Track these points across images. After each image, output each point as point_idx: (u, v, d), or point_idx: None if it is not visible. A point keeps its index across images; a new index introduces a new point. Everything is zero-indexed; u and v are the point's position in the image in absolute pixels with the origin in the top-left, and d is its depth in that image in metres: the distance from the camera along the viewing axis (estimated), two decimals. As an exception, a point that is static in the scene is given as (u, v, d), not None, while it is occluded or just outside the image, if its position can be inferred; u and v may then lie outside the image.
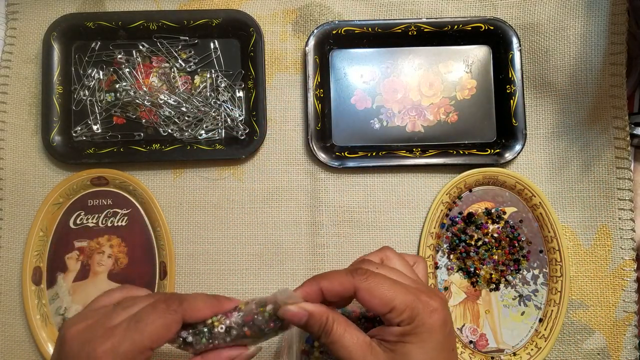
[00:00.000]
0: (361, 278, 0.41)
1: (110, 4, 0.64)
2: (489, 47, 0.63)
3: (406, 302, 0.40)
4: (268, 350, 0.59)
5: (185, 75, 0.63)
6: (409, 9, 0.63)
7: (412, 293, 0.41)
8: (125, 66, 0.63)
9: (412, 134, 0.63)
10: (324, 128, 0.62)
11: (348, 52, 0.64)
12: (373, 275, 0.42)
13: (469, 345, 0.59)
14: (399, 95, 0.63)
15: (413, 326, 0.40)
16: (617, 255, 0.60)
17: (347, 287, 0.41)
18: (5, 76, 0.63)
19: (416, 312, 0.40)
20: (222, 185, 0.62)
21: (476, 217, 0.61)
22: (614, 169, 0.60)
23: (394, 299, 0.40)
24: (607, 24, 0.60)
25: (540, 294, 0.60)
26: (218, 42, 0.63)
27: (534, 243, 0.61)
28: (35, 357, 0.60)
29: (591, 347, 0.59)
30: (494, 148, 0.62)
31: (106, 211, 0.61)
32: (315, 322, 0.41)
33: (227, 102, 0.63)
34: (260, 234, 0.61)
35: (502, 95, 0.62)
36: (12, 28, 0.63)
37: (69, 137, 0.62)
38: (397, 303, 0.40)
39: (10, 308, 0.60)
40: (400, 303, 0.40)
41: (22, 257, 0.60)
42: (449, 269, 0.61)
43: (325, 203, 0.62)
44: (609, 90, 0.60)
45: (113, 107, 0.63)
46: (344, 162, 0.61)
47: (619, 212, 0.60)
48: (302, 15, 0.63)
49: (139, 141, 0.62)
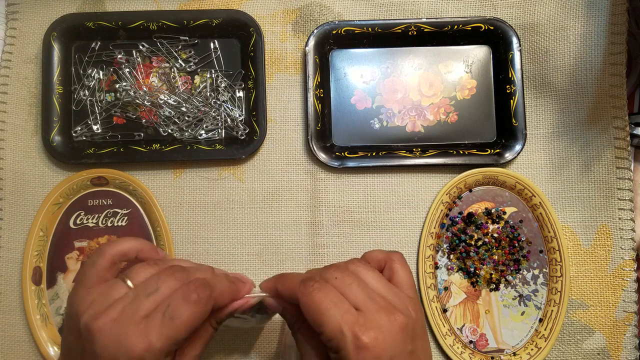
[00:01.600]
0: (305, 291, 0.39)
1: (110, 4, 0.64)
2: (489, 47, 0.63)
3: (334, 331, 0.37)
4: (268, 350, 0.59)
5: (185, 75, 0.63)
6: (409, 9, 0.63)
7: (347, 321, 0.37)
8: (125, 66, 0.63)
9: (412, 134, 0.63)
10: (324, 128, 0.62)
11: (348, 52, 0.64)
12: (318, 289, 0.39)
13: (469, 345, 0.59)
14: (399, 95, 0.63)
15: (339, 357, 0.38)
16: (617, 255, 0.60)
17: (293, 296, 0.41)
18: (5, 76, 0.63)
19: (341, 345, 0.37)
20: (222, 185, 0.62)
21: (476, 217, 0.61)
22: (614, 169, 0.60)
23: (324, 324, 0.38)
24: (607, 24, 0.60)
25: (540, 294, 0.60)
26: (218, 42, 0.63)
27: (534, 243, 0.61)
28: (35, 357, 0.60)
29: (591, 347, 0.59)
30: (494, 148, 0.62)
31: (106, 211, 0.61)
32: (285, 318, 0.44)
33: (227, 102, 0.63)
34: (260, 234, 0.61)
35: (502, 95, 0.62)
36: (12, 28, 0.63)
37: (69, 137, 0.62)
38: (325, 329, 0.38)
39: (10, 308, 0.60)
40: (328, 329, 0.38)
41: (22, 257, 0.60)
42: (449, 269, 0.61)
43: (325, 203, 0.62)
44: (609, 90, 0.60)
45: (113, 107, 0.63)
46: (344, 162, 0.61)
47: (619, 212, 0.60)
48: (302, 15, 0.63)
49: (139, 141, 0.62)
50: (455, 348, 0.59)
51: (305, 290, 0.39)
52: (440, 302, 0.60)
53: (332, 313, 0.38)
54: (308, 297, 0.39)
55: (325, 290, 0.39)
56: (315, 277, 0.41)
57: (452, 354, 0.58)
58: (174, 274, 0.41)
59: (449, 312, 0.60)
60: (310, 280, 0.40)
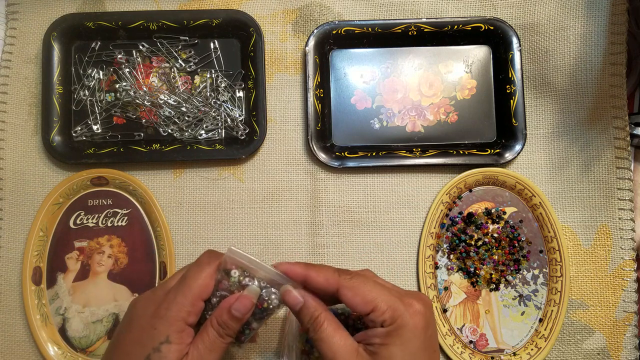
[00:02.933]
0: (346, 277, 0.43)
1: (110, 4, 0.64)
2: (489, 47, 0.63)
3: (388, 302, 0.41)
4: (268, 350, 0.59)
5: (185, 75, 0.63)
6: (409, 9, 0.63)
7: (395, 295, 0.43)
8: (125, 66, 0.63)
9: (412, 134, 0.63)
10: (324, 128, 0.62)
11: (348, 52, 0.64)
12: (357, 275, 0.44)
13: (469, 345, 0.59)
14: (399, 95, 0.63)
15: (395, 326, 0.41)
16: (617, 255, 0.60)
17: (332, 283, 0.43)
18: (5, 76, 0.63)
19: (398, 312, 0.41)
20: (222, 185, 0.62)
21: (476, 217, 0.61)
22: (614, 169, 0.60)
23: (375, 299, 0.42)
24: (607, 24, 0.60)
25: (540, 294, 0.60)
26: (218, 42, 0.63)
27: (534, 243, 0.61)
28: (35, 357, 0.60)
29: (591, 347, 0.59)
30: (494, 148, 0.62)
31: (106, 211, 0.61)
32: (307, 313, 0.44)
33: (227, 102, 0.63)
34: (260, 234, 0.61)
35: (502, 95, 0.62)
36: (12, 28, 0.63)
37: (69, 137, 0.62)
38: (379, 303, 0.41)
39: (10, 308, 0.60)
40: (382, 303, 0.41)
41: (22, 257, 0.60)
42: (449, 269, 0.61)
43: (325, 203, 0.62)
44: (609, 90, 0.60)
45: (113, 107, 0.63)
46: (344, 162, 0.61)
47: (619, 212, 0.60)
48: (302, 15, 0.63)
49: (139, 141, 0.62)
50: (455, 348, 0.59)
51: (345, 277, 0.43)
52: (440, 302, 0.60)
53: (379, 289, 0.42)
54: (351, 281, 0.43)
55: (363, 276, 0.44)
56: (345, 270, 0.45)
57: (452, 354, 0.58)
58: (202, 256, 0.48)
59: (449, 312, 0.60)
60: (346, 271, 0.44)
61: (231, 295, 0.45)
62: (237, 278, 0.45)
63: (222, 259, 0.46)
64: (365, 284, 0.43)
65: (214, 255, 0.47)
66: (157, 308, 0.44)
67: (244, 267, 0.46)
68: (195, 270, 0.45)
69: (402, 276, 0.61)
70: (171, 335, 0.42)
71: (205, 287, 0.45)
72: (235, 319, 0.44)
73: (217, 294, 0.46)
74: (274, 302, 0.46)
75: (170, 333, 0.42)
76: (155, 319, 0.43)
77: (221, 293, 0.46)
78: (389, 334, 0.41)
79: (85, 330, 0.60)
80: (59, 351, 0.59)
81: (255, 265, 0.45)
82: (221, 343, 0.44)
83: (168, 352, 0.42)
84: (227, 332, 0.44)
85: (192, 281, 0.44)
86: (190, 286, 0.44)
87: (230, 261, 0.45)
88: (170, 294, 0.44)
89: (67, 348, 0.59)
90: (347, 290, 0.43)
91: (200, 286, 0.44)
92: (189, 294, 0.44)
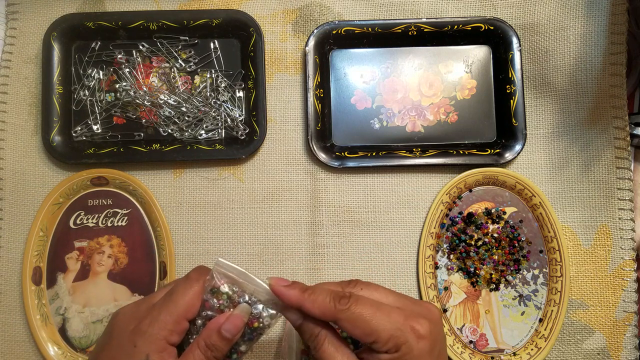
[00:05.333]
0: (343, 308, 0.40)
1: (110, 4, 0.64)
2: (489, 47, 0.63)
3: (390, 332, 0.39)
4: (268, 350, 0.59)
5: (185, 75, 0.63)
6: (409, 9, 0.63)
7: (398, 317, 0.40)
8: (125, 66, 0.63)
9: (412, 134, 0.63)
10: (324, 128, 0.62)
11: (348, 52, 0.64)
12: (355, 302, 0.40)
13: (469, 345, 0.59)
14: (399, 95, 0.63)
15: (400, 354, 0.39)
16: (617, 255, 0.60)
17: (328, 315, 0.41)
18: (5, 76, 0.63)
19: (402, 340, 0.39)
20: (222, 185, 0.62)
21: (476, 217, 0.61)
22: (614, 169, 0.60)
23: (376, 329, 0.39)
24: (607, 24, 0.60)
25: (540, 294, 0.60)
26: (218, 42, 0.63)
27: (534, 243, 0.61)
28: (35, 357, 0.60)
29: (591, 347, 0.59)
30: (494, 148, 0.62)
31: (106, 211, 0.61)
32: (307, 330, 0.42)
33: (227, 102, 0.63)
34: (260, 234, 0.61)
35: (502, 95, 0.62)
36: (12, 28, 0.63)
37: (69, 137, 0.62)
38: (380, 333, 0.39)
39: (10, 308, 0.60)
40: (383, 333, 0.39)
41: (22, 257, 0.60)
42: (449, 269, 0.61)
43: (325, 203, 0.62)
44: (609, 90, 0.60)
45: (113, 107, 0.63)
46: (344, 162, 0.61)
47: (619, 212, 0.60)
48: (302, 15, 0.63)
49: (139, 141, 0.62)
50: (455, 348, 0.59)
51: (342, 308, 0.40)
52: (440, 302, 0.60)
53: (379, 318, 0.39)
54: (349, 312, 0.40)
55: (362, 301, 0.40)
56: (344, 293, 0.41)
57: (452, 354, 0.58)
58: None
59: (449, 312, 0.60)
60: (343, 298, 0.41)
61: (220, 315, 0.42)
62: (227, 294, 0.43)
63: (210, 274, 0.43)
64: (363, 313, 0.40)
65: (204, 272, 0.44)
66: (138, 324, 0.41)
67: (233, 280, 0.43)
68: (183, 287, 0.43)
69: (402, 276, 0.61)
70: (151, 354, 0.40)
71: (192, 305, 0.42)
72: (225, 340, 0.42)
73: (202, 314, 0.43)
74: (265, 321, 0.43)
75: (150, 352, 0.40)
76: (136, 335, 0.41)
77: (207, 313, 0.43)
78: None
79: (85, 330, 0.60)
80: (59, 351, 0.59)
81: (245, 278, 0.43)
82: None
83: None
84: (214, 355, 0.41)
85: (178, 297, 0.42)
86: (177, 303, 0.42)
87: (219, 275, 0.43)
88: (154, 310, 0.42)
89: (67, 348, 0.59)
90: (345, 322, 0.40)
91: (187, 304, 0.42)
92: (174, 311, 0.41)
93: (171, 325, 0.41)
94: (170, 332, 0.41)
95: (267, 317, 0.43)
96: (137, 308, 0.43)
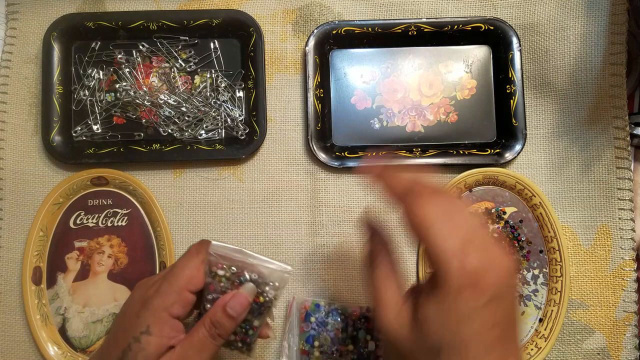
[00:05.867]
0: (418, 200, 0.35)
1: (110, 4, 0.64)
2: (489, 47, 0.63)
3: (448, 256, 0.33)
4: (268, 350, 0.59)
5: (185, 75, 0.63)
6: (409, 9, 0.63)
7: (463, 243, 0.34)
8: (125, 66, 0.63)
9: (412, 134, 0.63)
10: (324, 128, 0.62)
11: (348, 52, 0.64)
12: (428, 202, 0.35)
13: (469, 345, 0.59)
14: (399, 95, 0.63)
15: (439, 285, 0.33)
16: (617, 255, 0.60)
17: (402, 193, 0.37)
18: (5, 76, 0.63)
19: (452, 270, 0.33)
20: (222, 185, 0.62)
21: (476, 217, 0.61)
22: (614, 169, 0.60)
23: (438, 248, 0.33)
24: (607, 24, 0.60)
25: (540, 294, 0.60)
26: (218, 42, 0.63)
27: (534, 243, 0.61)
28: (35, 357, 0.60)
29: (591, 347, 0.59)
30: (494, 148, 0.62)
31: (106, 211, 0.61)
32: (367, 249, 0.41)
33: (227, 102, 0.63)
34: (260, 234, 0.61)
35: (502, 95, 0.62)
36: (12, 28, 0.63)
37: (69, 137, 0.62)
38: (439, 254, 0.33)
39: (10, 308, 0.60)
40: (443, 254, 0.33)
41: (22, 257, 0.60)
42: (449, 269, 0.60)
43: (325, 203, 0.62)
44: (609, 90, 0.60)
45: (113, 107, 0.63)
46: (344, 162, 0.61)
47: (619, 212, 0.60)
48: (302, 15, 0.63)
49: (139, 141, 0.62)
50: (455, 348, 0.59)
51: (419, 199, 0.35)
52: (440, 302, 0.60)
53: (444, 238, 0.34)
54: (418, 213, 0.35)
55: (435, 211, 0.35)
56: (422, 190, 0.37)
57: (452, 354, 0.58)
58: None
59: (449, 312, 0.60)
60: (421, 191, 0.36)
61: (227, 294, 0.43)
62: (225, 276, 0.44)
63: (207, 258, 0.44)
64: (434, 223, 0.34)
65: (204, 245, 0.45)
66: (145, 296, 0.43)
67: (230, 261, 0.44)
68: (183, 260, 0.44)
69: (402, 276, 0.60)
70: (152, 325, 0.41)
71: (192, 277, 0.43)
72: (230, 318, 0.42)
73: (209, 298, 0.44)
74: (270, 294, 0.44)
75: (151, 323, 0.41)
76: (141, 307, 0.42)
77: (212, 296, 0.44)
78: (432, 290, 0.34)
79: (85, 330, 0.60)
80: (59, 351, 0.59)
81: (243, 256, 0.44)
82: (211, 344, 0.42)
83: (147, 344, 0.40)
84: (219, 332, 0.42)
85: (178, 270, 0.43)
86: (177, 275, 0.43)
87: (215, 258, 0.44)
88: (157, 283, 0.43)
89: (67, 348, 0.59)
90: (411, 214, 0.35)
91: (187, 276, 0.43)
92: (174, 283, 0.42)
93: (172, 297, 0.42)
94: (172, 303, 0.41)
95: (271, 289, 0.44)
96: (150, 280, 0.44)
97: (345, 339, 0.56)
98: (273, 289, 0.44)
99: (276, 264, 0.44)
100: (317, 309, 0.57)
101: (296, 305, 0.58)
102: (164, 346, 0.41)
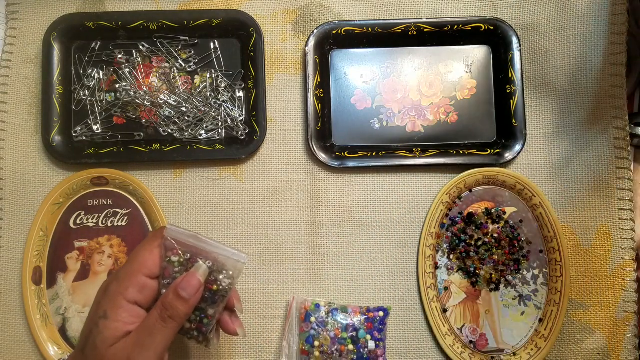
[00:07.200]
0: None
1: (110, 4, 0.64)
2: (489, 47, 0.63)
3: None
4: (268, 350, 0.59)
5: (185, 75, 0.63)
6: (409, 9, 0.63)
7: None
8: (125, 66, 0.63)
9: (412, 134, 0.63)
10: (324, 128, 0.62)
11: (348, 52, 0.64)
12: None
13: (469, 345, 0.59)
14: (399, 95, 0.63)
15: None
16: (617, 255, 0.60)
17: None
18: (5, 76, 0.63)
19: None
20: (222, 185, 0.62)
21: (476, 217, 0.61)
22: (614, 169, 0.60)
23: None
24: (607, 24, 0.60)
25: (540, 294, 0.60)
26: (218, 42, 0.63)
27: (534, 243, 0.61)
28: (35, 357, 0.60)
29: (591, 347, 0.59)
30: (494, 148, 0.62)
31: (106, 211, 0.61)
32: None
33: (227, 102, 0.63)
34: (260, 234, 0.61)
35: (502, 95, 0.62)
36: (12, 28, 0.63)
37: (69, 137, 0.62)
38: None
39: (10, 308, 0.60)
40: None
41: (22, 257, 0.60)
42: (449, 269, 0.61)
43: (325, 203, 0.62)
44: (609, 90, 0.60)
45: (113, 107, 0.63)
46: (344, 162, 0.61)
47: (619, 212, 0.60)
48: (302, 15, 0.63)
49: (139, 141, 0.62)
50: (455, 348, 0.59)
51: None
52: (440, 302, 0.60)
53: None
54: None
55: None
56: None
57: (452, 354, 0.58)
58: None
59: (449, 312, 0.60)
60: None
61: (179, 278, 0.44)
62: (179, 261, 0.44)
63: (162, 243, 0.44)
64: None
65: (161, 230, 0.46)
66: (107, 281, 0.44)
67: (186, 247, 0.44)
68: (140, 245, 0.45)
69: (402, 276, 0.61)
70: (108, 310, 0.42)
71: (145, 261, 0.44)
72: (181, 299, 0.42)
73: (164, 283, 0.44)
74: (224, 283, 0.44)
75: (107, 308, 0.42)
76: (102, 293, 0.44)
77: (168, 281, 0.44)
78: None
79: (85, 330, 0.60)
80: (59, 351, 0.59)
81: (198, 242, 0.44)
82: (163, 328, 0.42)
83: (104, 328, 0.41)
84: (170, 315, 0.42)
85: (133, 255, 0.44)
86: (131, 260, 0.44)
87: (171, 244, 0.44)
88: (116, 271, 0.45)
89: (67, 348, 0.59)
90: None
91: (140, 261, 0.44)
92: (128, 267, 0.43)
93: (127, 282, 0.43)
94: (126, 288, 0.42)
95: (225, 278, 0.44)
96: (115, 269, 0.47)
97: (345, 339, 0.56)
98: (227, 277, 0.44)
99: (231, 252, 0.44)
100: (317, 309, 0.57)
101: (296, 305, 0.58)
102: (121, 330, 0.41)
